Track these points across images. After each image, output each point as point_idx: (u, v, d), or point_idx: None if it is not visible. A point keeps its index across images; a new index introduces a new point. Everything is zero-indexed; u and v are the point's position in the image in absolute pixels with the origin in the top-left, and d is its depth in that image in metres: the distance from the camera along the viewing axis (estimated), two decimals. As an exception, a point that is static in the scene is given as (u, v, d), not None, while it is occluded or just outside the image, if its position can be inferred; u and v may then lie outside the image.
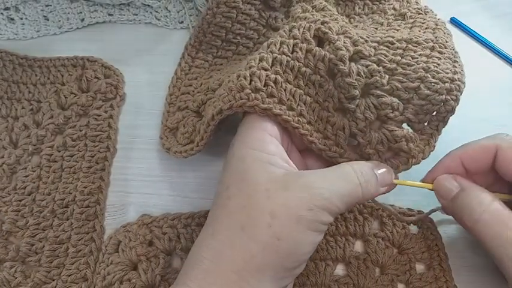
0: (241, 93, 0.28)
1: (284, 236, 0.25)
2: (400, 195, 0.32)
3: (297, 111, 0.29)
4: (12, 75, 0.44)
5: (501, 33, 0.46)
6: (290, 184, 0.26)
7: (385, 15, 0.40)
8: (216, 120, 0.31)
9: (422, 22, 0.36)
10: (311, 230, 0.26)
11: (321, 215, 0.26)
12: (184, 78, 0.43)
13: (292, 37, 0.31)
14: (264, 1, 0.42)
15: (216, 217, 0.27)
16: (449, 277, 0.32)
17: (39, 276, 0.34)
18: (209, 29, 0.43)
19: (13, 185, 0.38)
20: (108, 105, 0.42)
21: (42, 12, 0.48)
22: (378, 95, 0.29)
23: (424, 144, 0.30)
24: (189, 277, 0.25)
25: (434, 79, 0.29)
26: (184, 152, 0.35)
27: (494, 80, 0.43)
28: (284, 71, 0.30)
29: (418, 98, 0.29)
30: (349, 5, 0.45)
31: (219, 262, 0.25)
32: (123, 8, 0.48)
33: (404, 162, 0.30)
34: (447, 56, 0.31)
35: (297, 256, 0.26)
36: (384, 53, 0.31)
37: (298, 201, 0.25)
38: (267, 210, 0.25)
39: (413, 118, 0.30)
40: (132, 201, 0.38)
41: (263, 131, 0.28)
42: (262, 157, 0.27)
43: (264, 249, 0.25)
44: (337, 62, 0.29)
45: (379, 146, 0.29)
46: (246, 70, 0.29)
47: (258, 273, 0.25)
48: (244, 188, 0.26)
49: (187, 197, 0.38)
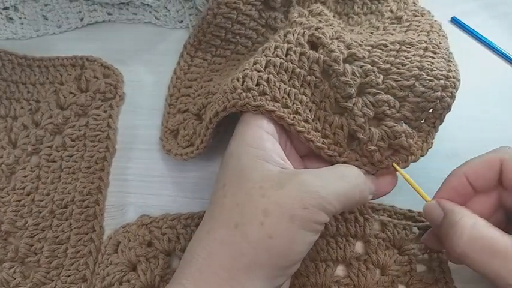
0: (233, 93, 0.29)
1: (276, 234, 0.24)
2: (400, 195, 0.32)
3: (292, 109, 0.29)
4: (11, 74, 0.44)
5: (502, 32, 0.45)
6: (285, 182, 0.25)
7: (381, 18, 0.41)
8: (214, 123, 0.31)
9: (417, 25, 0.36)
10: (305, 229, 0.25)
11: (316, 214, 0.25)
12: (184, 78, 0.43)
13: (286, 42, 0.31)
14: (264, 1, 0.42)
15: (211, 215, 0.27)
16: (449, 278, 0.32)
17: (38, 277, 0.34)
18: (209, 29, 0.43)
19: (12, 185, 0.38)
20: (108, 105, 0.42)
21: (41, 12, 0.48)
22: (373, 93, 0.30)
23: (422, 142, 0.30)
24: (184, 275, 0.25)
25: (428, 76, 0.29)
26: (185, 155, 0.36)
27: (494, 80, 0.43)
28: (278, 71, 0.30)
29: (414, 96, 0.29)
30: (348, 4, 0.45)
31: (211, 260, 0.25)
32: (122, 7, 0.48)
33: (404, 159, 0.30)
34: (441, 56, 0.31)
35: (290, 255, 0.25)
36: (377, 55, 0.31)
37: (292, 199, 0.25)
38: (261, 208, 0.25)
39: (410, 115, 0.29)
40: (132, 202, 0.38)
41: (259, 128, 0.28)
42: (258, 154, 0.27)
43: (255, 248, 0.24)
44: (331, 63, 0.30)
45: (380, 142, 0.29)
46: (240, 73, 0.30)
47: (248, 271, 0.24)
48: (239, 186, 0.26)
49: (187, 198, 0.38)
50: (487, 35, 0.45)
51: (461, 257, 0.25)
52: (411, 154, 0.30)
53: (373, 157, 0.29)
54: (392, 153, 0.30)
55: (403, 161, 0.30)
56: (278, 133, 0.29)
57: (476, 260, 0.25)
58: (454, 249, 0.26)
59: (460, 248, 0.25)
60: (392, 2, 0.42)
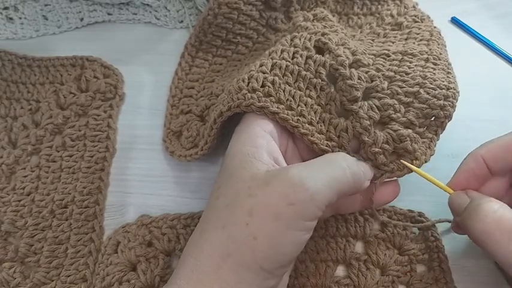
0: (238, 94, 0.29)
1: (261, 235, 0.24)
2: (401, 196, 0.32)
3: (296, 111, 0.29)
4: (11, 74, 0.44)
5: (502, 32, 0.45)
6: (271, 179, 0.25)
7: (382, 23, 0.41)
8: (218, 123, 0.31)
9: (417, 33, 0.37)
10: (292, 229, 0.24)
11: (304, 209, 0.24)
12: (186, 78, 0.43)
13: (293, 46, 0.32)
14: (265, 1, 0.42)
15: (205, 216, 0.27)
16: (450, 278, 0.32)
17: (38, 277, 0.34)
18: (210, 29, 0.43)
19: (12, 185, 0.38)
20: (108, 105, 0.42)
21: (41, 12, 0.48)
22: (379, 97, 0.30)
23: (425, 147, 0.30)
24: (179, 276, 0.25)
25: (432, 85, 0.30)
26: (188, 156, 0.36)
27: (494, 79, 0.42)
28: (284, 74, 0.30)
29: (419, 102, 0.30)
30: (348, 4, 0.45)
31: (200, 260, 0.25)
32: (122, 7, 0.48)
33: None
34: (441, 68, 0.32)
35: (277, 257, 0.24)
36: (381, 63, 0.32)
37: (277, 196, 0.24)
38: (246, 208, 0.24)
39: (415, 121, 0.30)
40: (132, 202, 0.38)
41: (257, 127, 0.28)
42: (250, 152, 0.26)
43: (240, 248, 0.24)
44: (338, 67, 0.30)
45: (385, 145, 0.29)
46: (246, 74, 0.30)
47: (235, 272, 0.24)
48: (230, 187, 0.26)
49: (187, 198, 0.38)
50: (487, 35, 0.45)
51: (482, 235, 0.26)
52: (415, 158, 0.30)
53: (378, 159, 0.29)
54: (397, 157, 0.30)
55: None
56: (278, 133, 0.29)
57: (497, 240, 0.25)
58: (475, 227, 0.26)
59: (482, 226, 0.26)
60: (392, 5, 0.43)
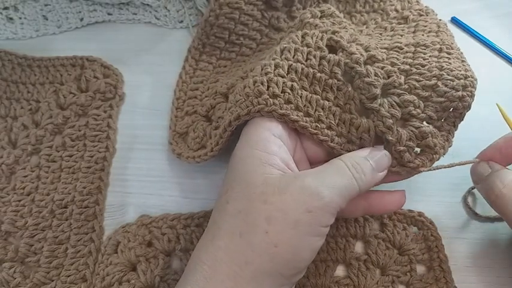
0: (259, 98, 0.29)
1: (281, 242, 0.24)
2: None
3: (314, 117, 0.29)
4: (11, 74, 0.44)
5: (502, 32, 0.45)
6: (286, 187, 0.25)
7: (387, 18, 0.40)
8: (233, 126, 0.31)
9: (424, 25, 0.36)
10: (310, 235, 0.25)
11: (321, 216, 0.25)
12: (190, 81, 0.43)
13: (305, 45, 0.31)
14: (266, 1, 0.42)
15: (215, 221, 0.27)
16: (450, 278, 0.32)
17: (38, 277, 0.34)
18: (212, 30, 0.43)
19: (12, 185, 0.38)
20: (108, 105, 0.42)
21: (41, 12, 0.48)
22: (398, 93, 0.29)
23: (443, 141, 0.30)
24: (189, 282, 0.25)
25: (449, 76, 0.29)
26: (197, 157, 0.35)
27: (494, 79, 0.42)
28: (299, 78, 0.30)
29: (437, 96, 0.29)
30: (350, 2, 0.45)
31: (216, 268, 0.25)
32: (122, 7, 0.48)
33: (430, 159, 0.30)
34: (455, 57, 0.31)
35: (296, 263, 0.25)
36: (395, 57, 0.31)
37: (295, 204, 0.24)
38: (263, 215, 0.24)
39: (434, 115, 0.29)
40: (132, 202, 0.38)
41: (266, 130, 0.28)
42: (261, 157, 0.26)
43: (261, 256, 0.24)
44: (353, 65, 0.30)
45: (408, 143, 0.29)
46: (263, 76, 0.30)
47: (254, 280, 0.24)
48: (241, 191, 0.26)
49: (187, 198, 0.38)
50: (487, 35, 0.45)
51: (501, 198, 0.29)
52: (436, 153, 0.30)
53: (403, 158, 0.29)
54: (418, 153, 0.30)
55: (429, 160, 0.30)
56: (286, 136, 0.29)
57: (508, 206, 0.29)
58: (493, 195, 0.30)
59: (501, 189, 0.29)
60: (395, 0, 0.42)
